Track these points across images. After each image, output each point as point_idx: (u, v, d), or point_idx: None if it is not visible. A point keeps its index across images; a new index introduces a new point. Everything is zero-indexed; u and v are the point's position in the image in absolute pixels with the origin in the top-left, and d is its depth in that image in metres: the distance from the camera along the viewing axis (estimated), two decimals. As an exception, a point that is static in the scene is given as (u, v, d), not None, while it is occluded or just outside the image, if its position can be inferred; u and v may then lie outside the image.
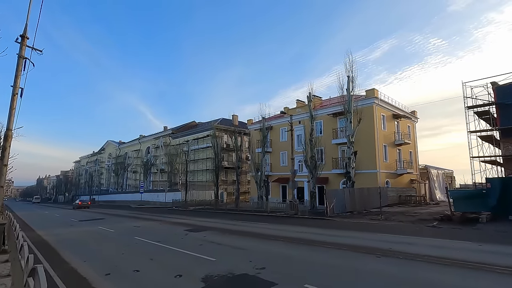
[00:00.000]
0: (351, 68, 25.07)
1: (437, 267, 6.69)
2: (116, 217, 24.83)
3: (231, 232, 13.22)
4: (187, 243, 10.78)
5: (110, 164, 78.32)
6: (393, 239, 10.68)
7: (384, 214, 20.69)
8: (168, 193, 42.69)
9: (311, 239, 10.92)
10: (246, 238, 11.64)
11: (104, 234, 14.37)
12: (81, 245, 11.54)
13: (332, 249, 9.05)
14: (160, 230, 15.27)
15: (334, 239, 10.75)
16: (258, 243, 10.41)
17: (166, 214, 25.81)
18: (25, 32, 10.48)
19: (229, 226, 15.72)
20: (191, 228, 14.90)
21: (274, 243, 10.38)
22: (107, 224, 18.42)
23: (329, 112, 32.50)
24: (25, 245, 4.96)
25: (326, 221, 17.44)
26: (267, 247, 9.61)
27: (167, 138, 58.92)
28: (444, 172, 41.79)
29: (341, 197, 21.91)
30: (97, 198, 65.61)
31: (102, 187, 77.75)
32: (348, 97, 24.82)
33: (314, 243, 10.15)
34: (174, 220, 20.03)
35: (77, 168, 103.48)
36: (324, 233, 12.55)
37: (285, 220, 18.54)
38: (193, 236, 12.48)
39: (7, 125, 9.74)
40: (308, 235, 12.01)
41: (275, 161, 38.31)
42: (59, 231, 16.13)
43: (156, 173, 58.99)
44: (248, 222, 17.57)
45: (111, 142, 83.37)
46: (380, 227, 14.20)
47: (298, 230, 13.61)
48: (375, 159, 28.92)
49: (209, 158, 49.03)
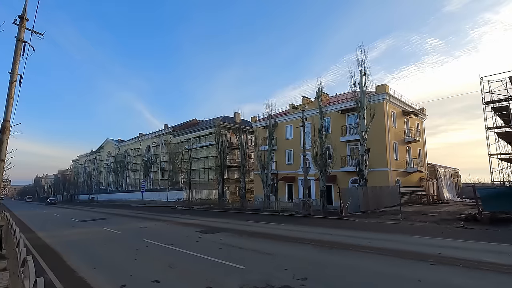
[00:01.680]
0: (364, 62, 24.14)
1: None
2: (120, 217, 23.77)
3: (248, 234, 12.22)
4: (204, 247, 9.79)
5: (109, 163, 77.06)
6: (431, 242, 9.75)
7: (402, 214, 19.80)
8: (170, 192, 41.63)
9: (341, 242, 9.95)
10: (268, 241, 10.66)
11: (110, 236, 13.34)
12: (87, 248, 10.51)
13: (372, 254, 8.08)
14: (169, 231, 14.27)
15: (368, 242, 9.77)
16: (284, 247, 9.42)
17: (171, 214, 24.79)
18: (24, 13, 9.44)
19: (243, 227, 14.73)
20: (203, 229, 13.90)
21: (302, 246, 9.40)
22: (112, 225, 17.38)
23: (338, 109, 31.55)
24: (24, 251, 4.00)
25: (344, 222, 16.49)
26: (296, 252, 8.63)
27: (168, 136, 57.79)
28: (451, 170, 41.03)
29: (355, 196, 20.99)
30: (97, 197, 64.41)
31: (101, 186, 76.50)
32: (361, 92, 23.87)
33: (347, 246, 9.18)
34: (181, 221, 19.02)
35: (75, 167, 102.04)
36: (351, 234, 11.58)
37: (300, 220, 17.58)
38: (208, 239, 11.49)
39: (4, 115, 8.70)
40: (335, 237, 11.05)
41: (280, 160, 37.29)
42: (60, 233, 15.09)
43: (156, 172, 57.89)
44: (261, 223, 16.60)
45: (110, 141, 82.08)
46: (406, 228, 13.28)
47: (320, 231, 12.65)
48: (386, 157, 28.01)
49: (211, 157, 48.05)
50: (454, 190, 39.56)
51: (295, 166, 36.10)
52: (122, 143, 75.93)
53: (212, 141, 48.11)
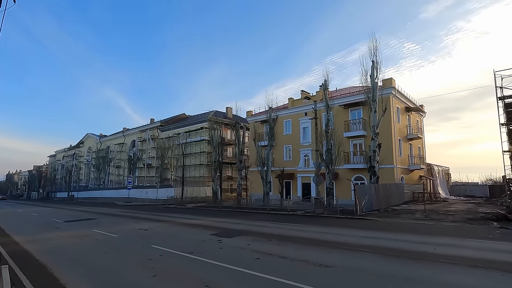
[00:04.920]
0: (375, 52, 22.82)
1: None
2: (109, 216, 21.27)
3: (279, 238, 10.39)
4: (235, 256, 7.93)
5: (90, 159, 72.65)
6: (495, 246, 8.39)
7: (418, 213, 18.71)
8: (160, 189, 39.02)
9: (400, 249, 8.36)
10: (308, 247, 8.90)
11: (107, 240, 11.14)
12: (83, 258, 8.37)
13: (458, 266, 6.53)
14: (177, 234, 12.23)
15: (432, 248, 8.23)
16: (334, 256, 7.71)
17: (167, 213, 22.53)
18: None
19: (262, 229, 12.90)
20: (218, 232, 11.94)
21: (357, 255, 7.70)
22: (103, 227, 15.05)
23: (341, 103, 30.26)
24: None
25: (368, 222, 15.03)
26: (357, 263, 6.93)
27: (155, 130, 54.80)
28: (443, 169, 41.06)
29: (369, 194, 19.69)
30: (76, 195, 60.31)
31: (81, 183, 72.01)
32: (372, 84, 22.56)
33: (415, 254, 7.59)
34: (184, 221, 16.91)
35: (52, 163, 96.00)
36: (397, 238, 10.07)
37: (318, 220, 15.97)
38: (231, 244, 9.60)
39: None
40: (385, 242, 9.47)
41: (277, 156, 35.60)
42: (43, 236, 12.68)
43: (142, 168, 54.77)
44: (276, 223, 14.84)
45: (91, 135, 77.51)
46: (445, 229, 11.97)
47: (356, 234, 11.06)
48: (392, 154, 27.01)
49: (203, 152, 45.76)
50: (447, 188, 39.59)
51: (294, 163, 34.61)
52: (105, 137, 71.78)
53: (203, 136, 45.79)
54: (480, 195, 37.67)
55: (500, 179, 53.30)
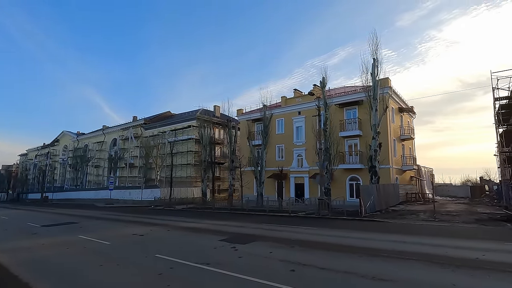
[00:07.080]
0: (376, 49, 22.40)
1: None
2: (93, 220, 19.27)
3: (300, 244, 9.24)
4: (262, 268, 6.72)
5: (65, 158, 68.31)
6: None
7: (421, 214, 18.29)
8: (145, 190, 36.88)
9: (449, 256, 7.49)
10: (340, 255, 7.83)
11: (99, 249, 9.56)
12: (73, 273, 6.86)
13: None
14: (179, 240, 10.81)
15: (482, 255, 7.44)
16: (378, 265, 6.69)
17: (158, 216, 20.81)
18: None
19: (275, 233, 11.71)
20: (227, 238, 10.63)
21: (408, 264, 6.64)
22: (89, 232, 13.29)
23: (337, 102, 29.66)
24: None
25: (380, 224, 14.24)
26: (411, 274, 5.96)
27: (139, 128, 52.23)
28: (428, 170, 41.77)
29: (373, 195, 19.06)
30: (51, 196, 56.35)
31: (55, 183, 67.57)
32: (373, 82, 22.07)
33: (469, 262, 6.73)
34: (181, 224, 15.40)
35: (23, 162, 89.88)
36: (427, 242, 9.25)
37: (326, 223, 15.02)
38: (249, 252, 8.37)
39: None
40: (419, 247, 8.58)
41: (270, 156, 34.55)
42: (19, 244, 10.84)
43: (124, 168, 52.00)
44: (284, 226, 13.74)
45: (67, 133, 73.14)
46: (463, 231, 11.38)
47: (379, 238, 10.18)
48: (388, 154, 26.73)
49: (190, 152, 43.97)
50: (432, 189, 40.27)
51: (287, 163, 33.76)
52: (82, 135, 67.90)
53: (191, 134, 43.98)
54: (462, 195, 38.80)
55: (477, 180, 55.64)
